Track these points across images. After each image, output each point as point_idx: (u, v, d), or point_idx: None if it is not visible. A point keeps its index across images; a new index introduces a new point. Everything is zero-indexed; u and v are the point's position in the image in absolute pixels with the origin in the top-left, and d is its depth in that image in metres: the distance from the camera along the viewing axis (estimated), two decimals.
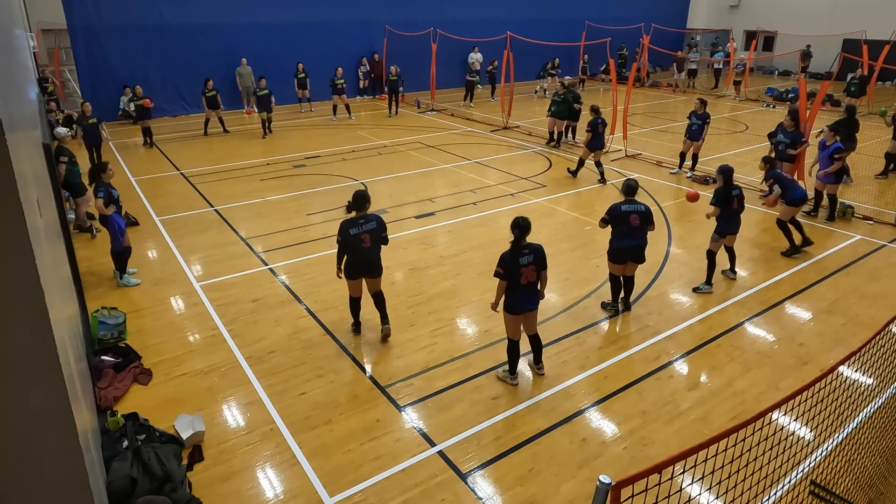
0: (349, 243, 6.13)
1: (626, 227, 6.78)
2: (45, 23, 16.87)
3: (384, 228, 6.34)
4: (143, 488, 4.24)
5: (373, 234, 6.19)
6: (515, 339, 5.74)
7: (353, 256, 6.22)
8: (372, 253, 6.26)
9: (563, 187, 12.04)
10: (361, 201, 6.19)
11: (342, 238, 6.15)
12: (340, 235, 6.14)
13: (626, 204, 6.84)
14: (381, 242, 6.35)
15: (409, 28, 21.86)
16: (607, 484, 2.31)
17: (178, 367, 6.11)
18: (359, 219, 6.17)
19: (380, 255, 6.38)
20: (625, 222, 6.78)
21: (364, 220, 6.19)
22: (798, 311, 7.27)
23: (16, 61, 5.27)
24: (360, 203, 6.18)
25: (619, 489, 2.28)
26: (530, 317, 5.73)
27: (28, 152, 3.78)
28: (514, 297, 5.56)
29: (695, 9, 32.71)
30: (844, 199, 10.69)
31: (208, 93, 16.03)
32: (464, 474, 4.72)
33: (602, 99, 22.18)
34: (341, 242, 6.19)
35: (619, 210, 6.81)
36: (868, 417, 5.42)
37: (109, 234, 7.63)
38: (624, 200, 6.91)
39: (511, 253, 5.47)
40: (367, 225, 6.17)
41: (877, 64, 19.03)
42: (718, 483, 3.74)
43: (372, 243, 6.21)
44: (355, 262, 6.25)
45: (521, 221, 5.48)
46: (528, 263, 5.47)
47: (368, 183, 12.10)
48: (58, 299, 3.37)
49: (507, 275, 5.45)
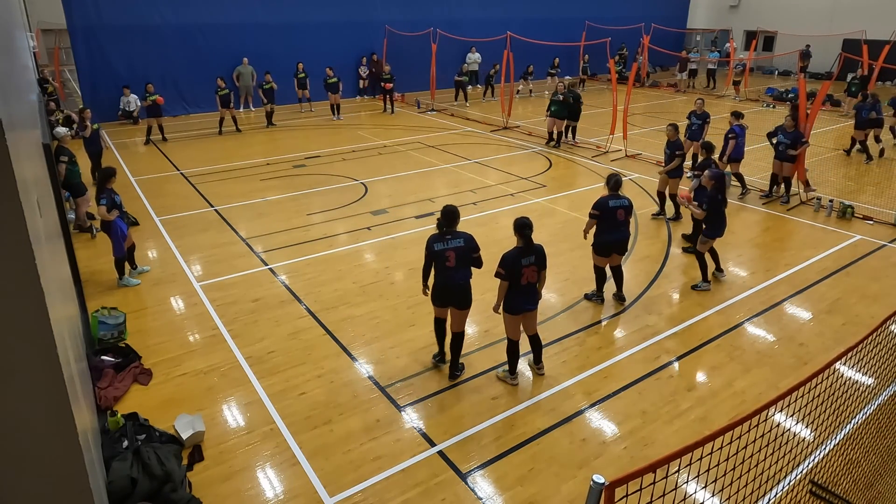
0: (433, 259, 5.62)
1: (613, 221, 6.96)
2: (45, 23, 16.88)
3: (475, 248, 5.65)
4: (143, 488, 4.25)
5: (458, 253, 5.57)
6: (515, 340, 5.74)
7: (438, 278, 5.71)
8: (456, 274, 5.62)
9: (563, 187, 12.04)
10: (451, 217, 5.62)
11: (426, 252, 5.65)
12: (426, 249, 5.66)
13: (612, 199, 6.97)
14: (472, 264, 5.69)
15: (409, 28, 21.86)
16: (601, 484, 2.31)
17: (178, 367, 6.11)
18: (446, 234, 5.61)
19: (469, 281, 5.67)
20: (612, 217, 6.94)
21: (451, 236, 5.61)
22: (798, 311, 7.27)
23: (16, 61, 5.27)
24: (449, 219, 5.62)
25: (613, 489, 2.28)
26: (530, 317, 5.73)
27: (28, 152, 3.78)
28: (514, 297, 5.56)
29: (695, 9, 32.71)
30: (844, 199, 10.69)
31: (221, 91, 16.12)
32: (464, 474, 4.72)
33: (602, 99, 22.19)
34: (426, 257, 5.69)
35: (607, 205, 6.95)
36: (867, 417, 5.42)
37: (111, 240, 7.62)
38: (609, 195, 7.03)
39: (514, 253, 5.46)
40: (452, 241, 5.57)
41: (877, 64, 19.03)
42: (714, 480, 3.75)
43: (457, 263, 5.58)
44: (437, 285, 5.73)
45: (527, 221, 5.48)
46: (529, 264, 5.47)
47: (368, 183, 12.10)
48: (58, 299, 3.37)
49: (509, 275, 5.44)
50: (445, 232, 5.62)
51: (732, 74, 23.61)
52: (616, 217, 6.93)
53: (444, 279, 5.63)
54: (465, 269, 5.65)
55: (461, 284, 5.63)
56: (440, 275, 5.64)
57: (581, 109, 15.18)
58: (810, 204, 10.97)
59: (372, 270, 8.26)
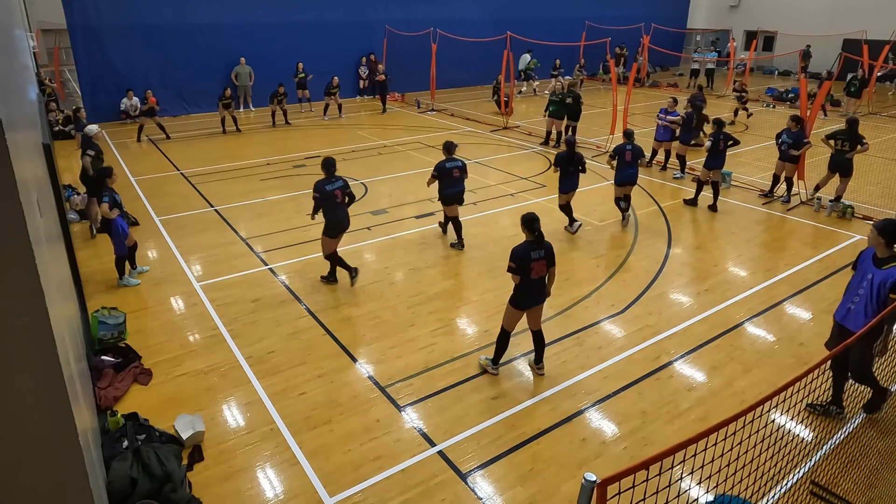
0: (325, 198, 7.30)
1: (451, 178, 8.66)
2: (45, 23, 16.88)
3: (348, 185, 7.54)
4: (143, 488, 4.24)
5: (342, 191, 7.43)
6: (509, 331, 5.81)
7: (332, 214, 7.41)
8: (344, 207, 7.47)
9: None
10: (331, 166, 7.41)
11: (319, 194, 7.26)
12: (317, 192, 7.29)
13: (448, 161, 8.68)
14: (351, 199, 7.57)
15: (409, 28, 21.85)
16: (592, 482, 2.31)
17: (178, 367, 6.11)
18: (332, 178, 7.40)
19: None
20: (449, 175, 8.65)
21: (335, 179, 7.41)
22: (798, 311, 7.27)
23: (16, 61, 5.27)
24: (330, 168, 7.40)
25: (605, 486, 2.28)
26: (535, 311, 5.75)
27: (28, 152, 3.78)
28: (523, 292, 5.61)
29: (695, 9, 32.70)
30: (845, 199, 10.70)
31: (225, 100, 16.40)
32: (464, 474, 4.72)
33: (602, 99, 22.19)
34: (319, 198, 7.27)
35: (445, 166, 8.63)
36: (867, 417, 5.42)
37: (112, 240, 7.62)
38: (447, 159, 8.68)
39: (524, 247, 5.49)
40: (336, 183, 7.40)
41: (877, 64, 19.03)
42: (713, 479, 3.74)
43: (342, 199, 7.43)
44: (332, 220, 7.42)
45: (535, 216, 5.53)
46: (539, 258, 5.50)
47: (368, 183, 12.10)
48: (58, 299, 3.36)
49: (520, 269, 5.47)
50: (331, 176, 7.38)
51: (733, 75, 23.60)
52: (452, 175, 8.65)
53: (338, 213, 7.41)
54: (347, 204, 7.53)
55: (348, 214, 7.57)
56: (333, 211, 7.38)
57: (581, 109, 15.18)
58: (810, 204, 10.98)
59: (372, 270, 8.26)
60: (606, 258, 8.72)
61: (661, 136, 12.97)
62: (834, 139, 10.39)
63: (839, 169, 10.36)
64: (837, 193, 10.58)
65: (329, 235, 7.50)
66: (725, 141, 10.33)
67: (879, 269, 4.85)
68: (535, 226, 5.48)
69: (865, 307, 4.89)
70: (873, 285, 4.84)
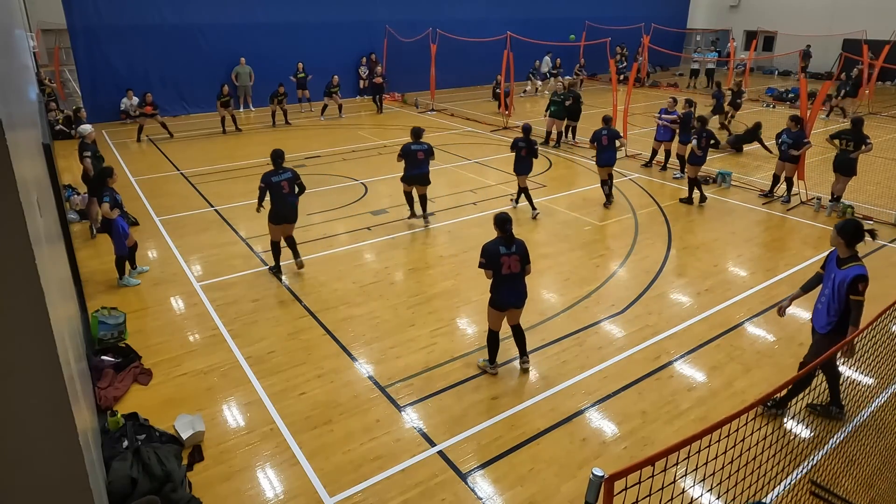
0: (271, 188, 7.67)
1: (415, 160, 9.31)
2: (45, 23, 16.86)
3: (298, 176, 7.92)
4: (143, 488, 4.25)
5: (289, 182, 7.75)
6: (495, 330, 5.86)
7: (278, 203, 7.59)
8: (291, 197, 7.74)
9: (563, 187, 12.05)
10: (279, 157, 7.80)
11: (265, 184, 7.65)
12: (264, 182, 7.67)
13: (413, 145, 9.32)
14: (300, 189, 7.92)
15: (408, 28, 21.83)
16: (600, 476, 2.32)
17: (178, 367, 6.11)
18: (278, 170, 7.73)
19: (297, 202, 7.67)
20: (413, 157, 9.30)
21: (283, 171, 7.78)
22: (798, 312, 7.26)
23: (16, 61, 5.27)
24: (279, 160, 7.82)
25: (613, 482, 2.29)
26: (514, 314, 5.84)
27: (28, 152, 3.78)
28: (499, 290, 5.66)
29: (695, 9, 32.69)
30: (845, 199, 10.69)
31: (223, 98, 16.43)
32: (464, 474, 4.72)
33: (602, 99, 22.18)
34: (264, 188, 7.69)
35: (410, 148, 9.26)
36: (867, 416, 5.42)
37: (113, 239, 7.62)
38: (412, 142, 9.32)
39: (493, 242, 5.61)
40: (284, 174, 7.71)
41: (877, 63, 19.01)
42: (714, 479, 3.75)
43: (289, 189, 7.75)
44: (278, 209, 7.66)
45: (507, 216, 5.67)
46: (509, 253, 5.56)
47: (368, 183, 12.10)
48: (58, 299, 3.36)
49: (490, 264, 5.57)
50: (279, 168, 7.73)
51: (733, 75, 23.59)
52: (417, 157, 9.27)
53: (283, 202, 7.66)
54: (296, 194, 7.83)
55: (294, 204, 7.81)
56: (278, 200, 7.63)
57: (581, 109, 15.18)
58: (810, 204, 10.98)
59: (372, 270, 8.26)
60: (606, 258, 8.72)
61: (661, 135, 12.97)
62: (838, 139, 10.38)
63: (842, 169, 10.37)
64: (837, 193, 10.58)
65: (273, 222, 7.78)
66: (708, 139, 10.70)
67: (840, 269, 4.95)
68: (507, 227, 5.63)
69: (828, 307, 4.99)
70: (835, 285, 4.93)
